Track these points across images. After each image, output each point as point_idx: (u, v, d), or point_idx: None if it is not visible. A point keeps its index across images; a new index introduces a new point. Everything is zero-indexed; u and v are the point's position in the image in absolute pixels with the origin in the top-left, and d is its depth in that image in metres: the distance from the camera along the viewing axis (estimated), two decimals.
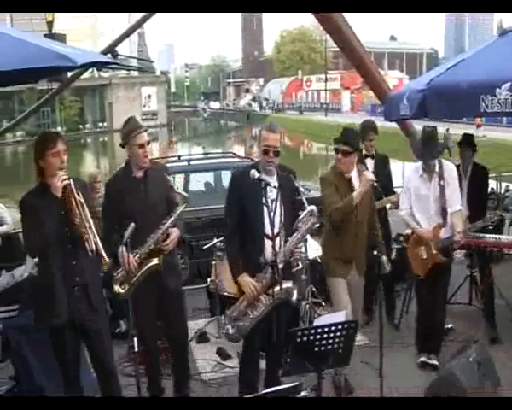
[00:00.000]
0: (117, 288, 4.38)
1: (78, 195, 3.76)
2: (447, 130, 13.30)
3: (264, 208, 4.07)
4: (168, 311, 4.59)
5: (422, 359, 5.37)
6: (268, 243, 4.06)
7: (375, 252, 4.51)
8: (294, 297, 4.11)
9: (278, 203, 4.13)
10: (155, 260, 4.33)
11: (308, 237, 6.33)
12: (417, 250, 5.31)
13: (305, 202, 4.09)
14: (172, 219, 4.34)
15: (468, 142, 6.02)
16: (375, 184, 4.78)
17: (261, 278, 4.07)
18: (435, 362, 5.30)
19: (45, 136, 3.88)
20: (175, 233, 4.38)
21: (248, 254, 4.15)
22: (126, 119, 4.52)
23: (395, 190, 6.29)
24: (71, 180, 3.76)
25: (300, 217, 4.10)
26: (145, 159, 4.40)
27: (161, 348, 5.09)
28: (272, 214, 4.06)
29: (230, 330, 4.12)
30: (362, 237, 4.76)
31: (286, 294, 4.05)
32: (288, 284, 4.05)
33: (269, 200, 4.05)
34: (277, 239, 4.09)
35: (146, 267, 4.32)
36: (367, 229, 4.81)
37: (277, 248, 4.04)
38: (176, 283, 4.58)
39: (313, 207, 4.15)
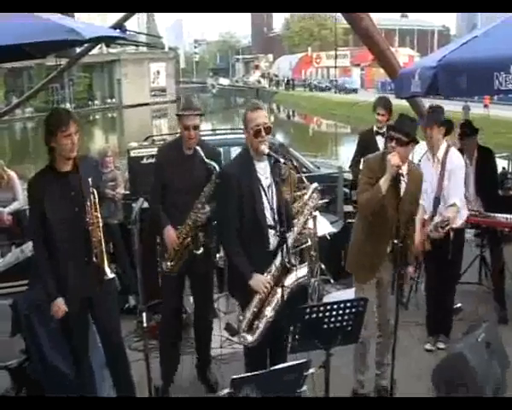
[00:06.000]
0: (165, 264, 4.47)
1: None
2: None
3: (264, 197, 3.83)
4: (195, 293, 4.79)
5: (428, 346, 5.38)
6: (271, 232, 3.85)
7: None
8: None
9: (274, 188, 3.85)
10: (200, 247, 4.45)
11: (317, 213, 6.31)
12: None
13: (305, 180, 3.95)
14: (204, 193, 4.33)
15: (468, 128, 5.95)
16: (401, 170, 4.05)
17: (273, 270, 3.82)
18: (442, 346, 5.30)
19: (57, 115, 3.78)
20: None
21: (253, 247, 3.85)
22: (183, 97, 4.58)
23: None
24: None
25: (307, 195, 4.00)
26: (190, 141, 4.38)
27: None
28: (271, 201, 3.83)
29: (250, 338, 3.77)
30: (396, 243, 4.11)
31: (303, 281, 3.91)
32: (303, 271, 3.89)
33: (266, 187, 3.82)
34: (279, 226, 3.82)
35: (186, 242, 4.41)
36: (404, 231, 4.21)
37: (283, 235, 3.75)
38: (205, 267, 4.64)
39: (315, 184, 4.05)
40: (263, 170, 3.85)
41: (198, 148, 4.36)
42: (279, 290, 3.76)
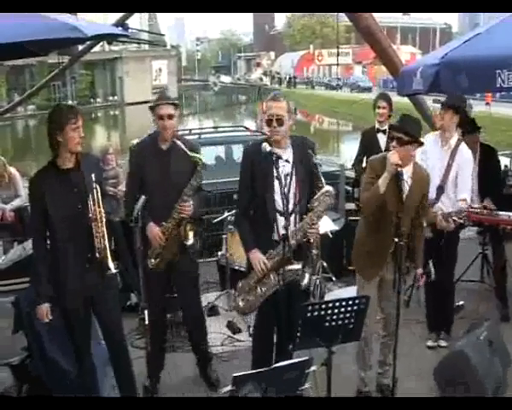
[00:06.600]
0: (149, 261, 4.45)
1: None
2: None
3: (276, 183, 3.83)
4: (180, 292, 4.76)
5: (430, 343, 5.38)
6: (281, 219, 3.85)
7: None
8: (306, 281, 3.94)
9: (293, 178, 3.89)
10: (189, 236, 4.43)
11: None
12: None
13: (322, 180, 3.91)
14: (191, 186, 4.33)
15: (470, 125, 5.92)
16: (400, 169, 4.01)
17: (273, 255, 3.91)
18: (444, 344, 5.30)
19: (63, 110, 3.78)
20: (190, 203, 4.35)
21: (260, 230, 3.99)
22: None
23: None
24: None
25: (316, 196, 3.99)
26: (165, 132, 4.39)
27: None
28: (286, 190, 3.83)
29: (240, 303, 4.08)
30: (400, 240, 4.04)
31: (295, 275, 3.89)
32: (297, 266, 3.88)
33: (282, 174, 3.79)
34: (292, 216, 3.90)
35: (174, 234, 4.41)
36: (408, 230, 4.23)
37: (292, 226, 3.86)
38: (188, 264, 4.60)
39: (329, 188, 4.02)
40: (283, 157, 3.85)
41: (178, 142, 4.34)
42: (273, 276, 3.90)
